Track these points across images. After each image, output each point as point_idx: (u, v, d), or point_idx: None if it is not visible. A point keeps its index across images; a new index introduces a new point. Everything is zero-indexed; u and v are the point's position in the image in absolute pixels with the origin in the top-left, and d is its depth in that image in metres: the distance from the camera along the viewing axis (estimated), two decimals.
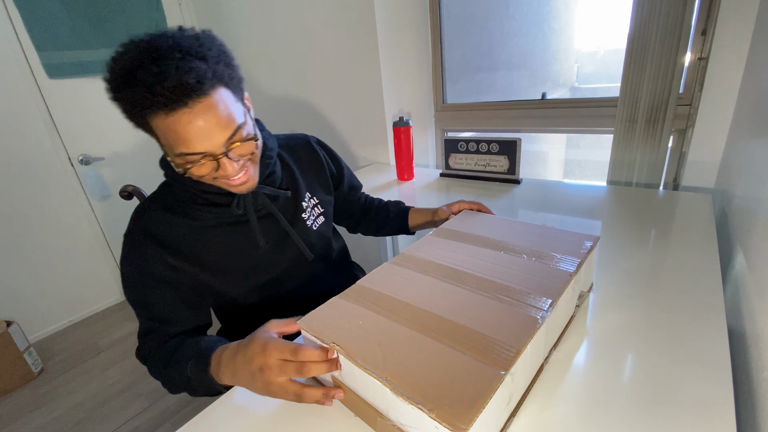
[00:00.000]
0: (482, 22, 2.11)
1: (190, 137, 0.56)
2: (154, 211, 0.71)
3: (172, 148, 0.57)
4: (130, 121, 0.59)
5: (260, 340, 0.52)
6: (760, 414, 0.53)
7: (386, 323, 0.53)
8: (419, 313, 0.54)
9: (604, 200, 1.18)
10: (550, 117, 1.57)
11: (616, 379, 0.54)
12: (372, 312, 0.55)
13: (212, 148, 0.58)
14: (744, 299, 0.72)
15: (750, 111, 0.95)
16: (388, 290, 0.60)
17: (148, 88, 0.52)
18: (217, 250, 0.73)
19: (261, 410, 0.58)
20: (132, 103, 0.55)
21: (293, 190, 0.82)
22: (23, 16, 1.80)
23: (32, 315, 2.03)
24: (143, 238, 0.69)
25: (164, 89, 0.52)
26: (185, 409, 1.53)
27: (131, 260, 0.70)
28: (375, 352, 0.47)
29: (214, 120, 0.56)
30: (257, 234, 0.75)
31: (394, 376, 0.43)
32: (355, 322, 0.53)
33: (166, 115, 0.54)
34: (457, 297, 0.57)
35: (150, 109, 0.54)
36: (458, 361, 0.45)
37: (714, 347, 0.57)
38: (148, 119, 0.56)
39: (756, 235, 0.72)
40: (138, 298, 0.71)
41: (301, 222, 0.83)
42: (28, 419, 1.57)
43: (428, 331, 0.50)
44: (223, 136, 0.58)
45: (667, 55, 1.13)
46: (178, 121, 0.55)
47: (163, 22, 2.21)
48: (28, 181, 1.93)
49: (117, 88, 0.55)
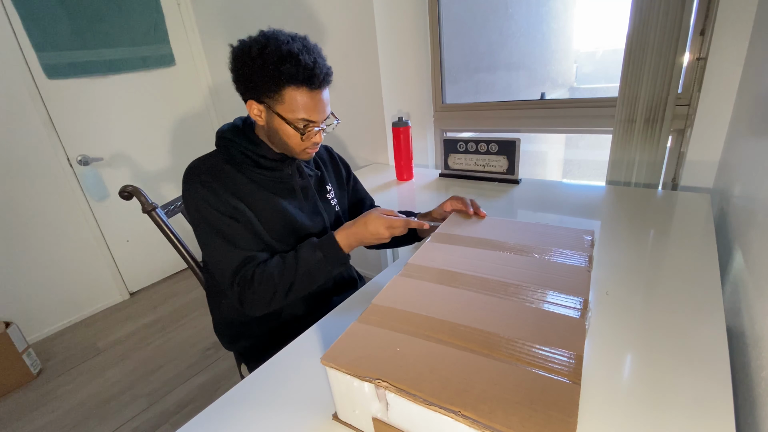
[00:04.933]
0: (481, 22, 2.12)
1: (315, 110, 0.77)
2: (210, 164, 0.82)
3: (297, 113, 0.76)
4: (263, 81, 0.73)
5: (376, 216, 0.78)
6: (759, 413, 0.54)
7: (428, 345, 0.47)
8: (459, 329, 0.49)
9: (603, 200, 1.19)
10: (549, 117, 1.57)
11: (616, 379, 0.54)
12: (405, 335, 0.49)
13: (320, 120, 0.80)
14: (743, 298, 0.72)
15: (748, 111, 0.95)
16: (412, 307, 0.55)
17: (310, 69, 0.73)
18: (265, 201, 0.84)
19: (261, 410, 0.58)
20: (288, 75, 0.72)
21: (321, 176, 0.98)
22: (22, 16, 1.80)
23: (31, 315, 2.03)
24: (211, 180, 0.79)
25: (319, 74, 0.74)
26: (185, 410, 1.53)
27: (202, 204, 0.78)
28: (431, 381, 0.42)
29: (328, 104, 0.81)
30: (298, 194, 0.89)
31: (466, 407, 0.38)
32: (391, 350, 0.47)
33: (308, 89, 0.75)
34: (489, 306, 0.53)
35: (300, 83, 0.73)
36: (525, 378, 0.41)
37: (713, 346, 0.58)
38: (288, 87, 0.74)
39: (754, 235, 0.72)
40: (222, 236, 0.78)
41: (326, 200, 0.97)
42: (27, 420, 1.57)
43: (478, 348, 0.46)
44: (326, 114, 0.81)
45: (665, 56, 1.13)
46: (313, 97, 0.76)
47: (162, 22, 2.21)
48: (26, 181, 1.92)
49: (278, 61, 0.71)
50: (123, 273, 2.35)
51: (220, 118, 2.59)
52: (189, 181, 0.80)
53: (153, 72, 2.26)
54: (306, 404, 0.58)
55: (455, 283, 0.60)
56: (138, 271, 2.42)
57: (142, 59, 2.18)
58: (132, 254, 2.36)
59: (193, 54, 2.41)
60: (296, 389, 0.61)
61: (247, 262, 0.78)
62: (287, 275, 0.77)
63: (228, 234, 0.78)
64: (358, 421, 0.50)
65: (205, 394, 1.59)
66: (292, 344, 0.73)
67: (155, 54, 2.23)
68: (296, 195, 0.89)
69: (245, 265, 0.78)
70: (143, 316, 2.18)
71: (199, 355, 1.81)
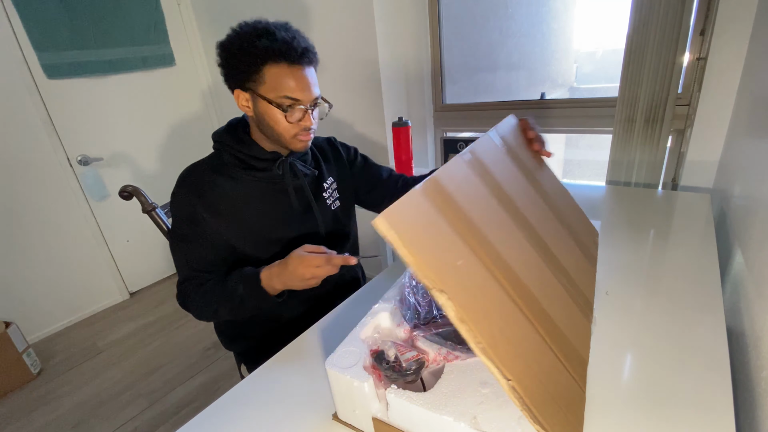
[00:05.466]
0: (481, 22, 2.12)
1: (298, 87, 0.75)
2: (200, 172, 0.82)
3: (279, 91, 0.74)
4: (243, 63, 0.73)
5: (296, 256, 0.67)
6: (759, 413, 0.54)
7: (494, 289, 0.40)
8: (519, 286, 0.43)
9: (603, 200, 1.18)
10: (549, 117, 1.57)
11: (616, 378, 0.54)
12: (467, 248, 0.41)
13: (306, 100, 0.76)
14: (743, 298, 0.72)
15: (748, 111, 0.95)
16: (470, 209, 0.45)
17: (287, 42, 0.72)
18: (252, 210, 0.83)
19: (261, 410, 0.58)
20: (264, 51, 0.71)
21: (318, 173, 0.95)
22: (22, 16, 1.80)
23: (31, 315, 2.02)
24: (189, 194, 0.80)
25: (298, 46, 0.73)
26: (185, 410, 1.53)
27: (178, 214, 0.81)
28: (497, 337, 0.35)
29: (313, 82, 0.77)
30: (291, 195, 0.87)
31: (521, 383, 0.35)
32: (452, 257, 0.38)
33: (288, 65, 0.73)
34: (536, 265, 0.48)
35: (279, 58, 0.72)
36: (566, 380, 0.40)
37: (713, 346, 0.57)
38: (268, 65, 0.72)
39: (754, 235, 0.72)
40: (181, 248, 0.82)
41: (322, 200, 0.94)
42: (27, 420, 1.56)
43: (543, 333, 0.42)
44: (313, 95, 0.78)
45: (665, 56, 1.13)
46: (295, 73, 0.74)
47: (162, 22, 2.21)
48: (26, 181, 1.92)
49: (253, 37, 0.71)
50: (123, 273, 2.35)
51: (220, 118, 2.59)
52: (177, 185, 0.82)
53: (153, 72, 2.26)
54: (306, 404, 0.58)
55: (505, 205, 0.52)
56: (138, 271, 2.42)
57: (142, 59, 2.18)
58: (132, 254, 2.36)
59: (193, 54, 2.41)
60: (296, 389, 0.61)
61: (191, 278, 0.82)
62: (214, 302, 0.79)
63: (185, 247, 0.81)
64: (359, 421, 0.50)
65: (205, 394, 1.59)
66: (291, 344, 0.73)
67: (155, 54, 2.23)
68: (288, 196, 0.87)
69: (188, 281, 0.82)
70: (143, 316, 2.18)
71: (199, 355, 1.81)
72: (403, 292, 0.61)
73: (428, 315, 0.59)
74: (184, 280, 0.83)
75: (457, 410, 0.42)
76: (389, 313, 0.58)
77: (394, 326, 0.58)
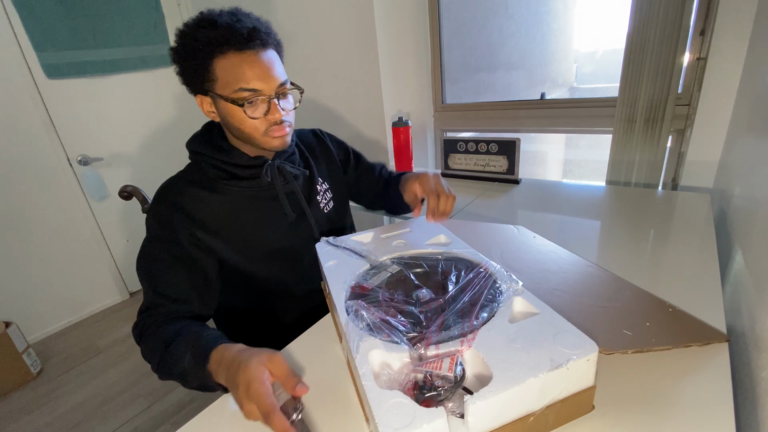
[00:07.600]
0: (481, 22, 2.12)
1: (253, 75, 0.66)
2: (182, 187, 0.74)
3: (233, 84, 0.66)
4: (191, 63, 0.66)
5: (253, 375, 0.48)
6: (759, 413, 0.54)
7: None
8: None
9: (603, 200, 1.19)
10: (549, 117, 1.57)
11: (615, 378, 0.54)
12: None
13: (267, 89, 0.67)
14: (743, 298, 0.72)
15: (748, 111, 0.95)
16: None
17: (229, 27, 0.63)
18: (243, 224, 0.76)
19: None
20: (207, 42, 0.64)
21: (309, 173, 0.88)
22: (22, 16, 1.80)
23: (31, 315, 2.03)
24: (172, 211, 0.71)
25: (242, 29, 0.64)
26: (185, 410, 1.53)
27: (155, 233, 0.72)
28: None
29: (271, 67, 0.68)
30: (283, 204, 0.79)
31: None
32: None
33: (236, 53, 0.65)
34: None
35: (224, 47, 0.64)
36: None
37: (713, 346, 0.57)
38: (215, 59, 0.65)
39: (755, 235, 0.72)
40: (150, 270, 0.71)
41: (315, 203, 0.87)
42: (27, 420, 1.56)
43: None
44: (275, 81, 0.68)
45: (665, 56, 1.13)
46: (245, 60, 0.65)
47: (161, 22, 2.21)
48: (26, 181, 1.92)
49: (195, 28, 0.64)
50: (123, 273, 2.35)
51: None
52: (154, 202, 0.74)
53: (153, 72, 2.26)
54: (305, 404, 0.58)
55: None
56: None
57: (142, 59, 2.18)
58: (132, 254, 2.36)
59: None
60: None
61: (153, 306, 0.70)
62: (157, 356, 0.65)
63: (153, 269, 0.71)
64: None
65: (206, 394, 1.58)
66: (291, 345, 0.73)
67: (155, 54, 2.23)
68: (280, 203, 0.80)
69: (150, 310, 0.70)
70: None
71: None
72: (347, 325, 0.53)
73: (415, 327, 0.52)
74: (145, 308, 0.71)
75: (525, 367, 0.42)
76: (375, 349, 0.49)
77: (392, 354, 0.49)
